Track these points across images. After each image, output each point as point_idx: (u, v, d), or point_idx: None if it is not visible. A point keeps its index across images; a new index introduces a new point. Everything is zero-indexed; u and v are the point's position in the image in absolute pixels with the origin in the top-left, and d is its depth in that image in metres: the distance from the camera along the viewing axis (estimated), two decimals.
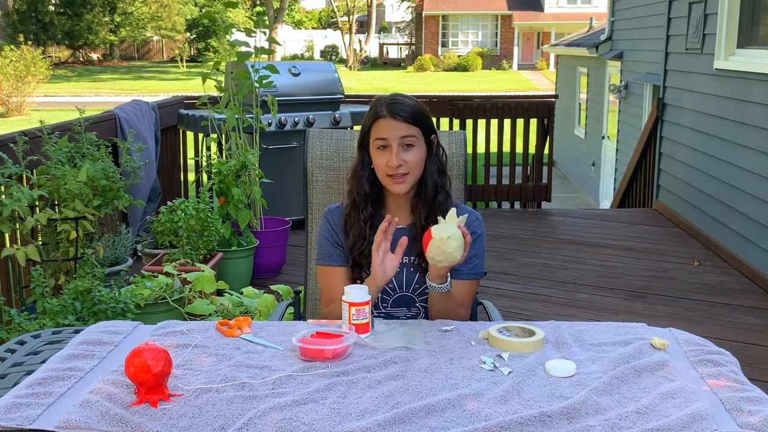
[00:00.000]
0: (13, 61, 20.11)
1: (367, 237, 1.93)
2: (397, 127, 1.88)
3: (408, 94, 1.97)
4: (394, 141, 1.88)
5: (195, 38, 40.67)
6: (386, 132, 1.88)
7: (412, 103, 1.92)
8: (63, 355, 1.60)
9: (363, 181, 1.96)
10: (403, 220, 1.99)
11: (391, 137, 1.88)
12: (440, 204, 1.95)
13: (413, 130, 1.89)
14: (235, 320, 1.79)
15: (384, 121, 1.89)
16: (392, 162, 1.87)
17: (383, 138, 1.88)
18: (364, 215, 1.94)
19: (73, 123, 3.97)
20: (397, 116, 1.87)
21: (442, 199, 1.96)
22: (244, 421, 1.32)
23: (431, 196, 1.95)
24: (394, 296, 1.98)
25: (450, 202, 1.97)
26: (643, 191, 7.06)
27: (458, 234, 1.72)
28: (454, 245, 1.71)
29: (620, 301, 4.26)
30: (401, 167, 1.88)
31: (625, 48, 9.22)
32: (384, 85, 28.42)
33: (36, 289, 3.00)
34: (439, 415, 1.36)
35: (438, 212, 1.92)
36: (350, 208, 1.97)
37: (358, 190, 1.96)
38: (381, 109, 1.90)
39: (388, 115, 1.88)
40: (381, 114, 1.89)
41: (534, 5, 36.61)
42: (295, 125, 5.27)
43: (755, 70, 4.72)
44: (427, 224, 1.92)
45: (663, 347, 1.65)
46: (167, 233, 3.81)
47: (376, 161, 1.91)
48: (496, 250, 5.25)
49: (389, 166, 1.88)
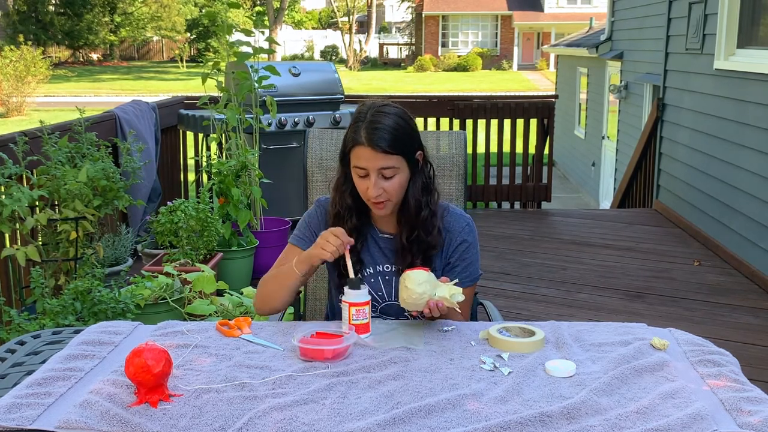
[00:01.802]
0: (13, 61, 20.12)
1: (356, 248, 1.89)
2: (375, 158, 1.78)
3: (391, 108, 1.84)
4: (372, 171, 1.79)
5: (195, 38, 40.67)
6: (364, 162, 1.79)
7: (393, 125, 1.79)
8: (63, 356, 1.60)
9: (345, 195, 1.90)
10: (390, 229, 1.95)
11: (370, 168, 1.79)
12: (424, 221, 1.88)
13: (393, 161, 1.79)
14: (235, 320, 1.80)
15: (363, 150, 1.78)
16: (371, 192, 1.80)
17: (362, 168, 1.80)
18: (349, 226, 1.89)
19: (73, 123, 3.97)
20: (376, 147, 1.77)
21: (426, 215, 1.88)
22: (244, 421, 1.32)
23: (414, 215, 1.88)
24: (382, 304, 1.96)
25: (435, 219, 1.90)
26: (643, 191, 7.06)
27: (424, 296, 1.70)
28: (410, 300, 1.70)
29: (620, 301, 4.26)
30: (381, 195, 1.81)
31: (625, 48, 9.22)
32: (384, 85, 28.41)
33: (36, 289, 3.00)
34: (439, 415, 1.36)
35: (420, 231, 1.88)
36: (333, 219, 1.92)
37: (341, 203, 1.91)
38: (360, 135, 1.79)
39: (367, 144, 1.77)
40: (359, 141, 1.79)
41: (534, 5, 36.61)
42: (295, 125, 5.27)
43: (755, 70, 4.72)
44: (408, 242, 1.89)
45: (663, 347, 1.65)
46: (167, 233, 3.81)
47: (357, 184, 1.85)
48: (496, 250, 5.25)
49: (368, 195, 1.82)
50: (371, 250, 1.95)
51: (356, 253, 1.91)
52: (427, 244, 1.89)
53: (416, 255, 1.88)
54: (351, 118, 1.88)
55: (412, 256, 1.88)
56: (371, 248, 1.95)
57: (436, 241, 1.90)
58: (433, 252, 1.90)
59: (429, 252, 1.90)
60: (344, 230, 1.81)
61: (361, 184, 1.84)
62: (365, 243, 1.94)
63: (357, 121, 1.82)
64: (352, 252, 1.85)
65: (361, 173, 1.82)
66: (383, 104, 1.85)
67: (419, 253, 1.89)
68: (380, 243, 1.95)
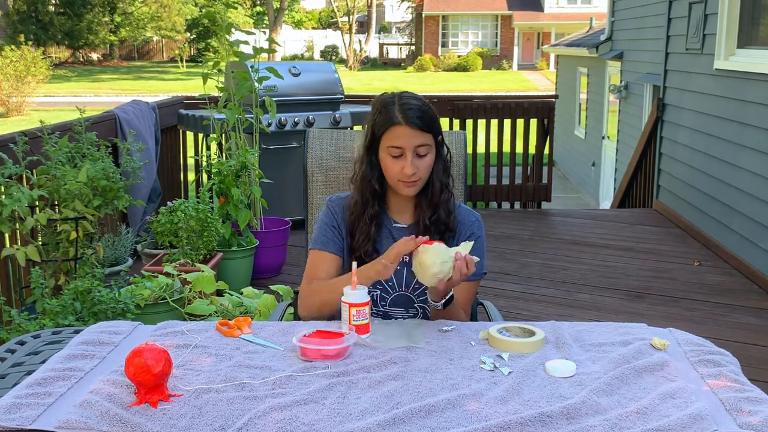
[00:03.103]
0: (13, 61, 20.13)
1: (371, 235, 1.94)
2: (413, 135, 1.85)
3: (413, 93, 1.94)
4: (409, 150, 1.86)
5: (195, 38, 40.67)
6: (402, 141, 1.85)
7: (422, 105, 1.89)
8: (63, 356, 1.60)
9: (373, 182, 1.94)
10: (406, 219, 2.00)
11: (406, 146, 1.85)
12: (444, 203, 1.95)
13: (427, 138, 1.87)
14: (235, 320, 1.79)
15: (400, 129, 1.85)
16: (407, 170, 1.85)
17: (399, 147, 1.86)
18: (370, 213, 1.94)
19: (73, 123, 3.97)
20: (413, 124, 1.85)
21: (447, 198, 1.96)
22: (244, 422, 1.32)
23: (437, 196, 1.95)
24: (393, 294, 1.97)
25: (453, 201, 1.98)
26: (643, 191, 7.06)
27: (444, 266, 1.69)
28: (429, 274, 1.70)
29: (620, 302, 4.26)
30: (415, 174, 1.87)
31: (625, 48, 9.22)
32: (384, 85, 28.40)
33: (36, 289, 3.00)
34: (439, 415, 1.36)
35: (441, 211, 1.94)
36: (360, 206, 1.96)
37: (369, 190, 1.95)
38: (395, 115, 1.86)
39: (404, 123, 1.85)
40: (396, 121, 1.86)
41: (534, 5, 36.61)
42: (295, 125, 5.27)
43: (755, 70, 4.72)
44: (431, 223, 1.94)
45: (663, 347, 1.65)
46: (167, 233, 3.81)
47: (389, 167, 1.89)
48: (496, 250, 5.25)
49: (404, 174, 1.87)
50: (385, 240, 1.97)
51: (372, 242, 1.94)
52: (445, 226, 1.95)
53: (433, 237, 1.90)
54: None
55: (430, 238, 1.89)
56: (385, 239, 1.97)
57: (453, 223, 1.97)
58: (450, 234, 1.96)
59: (446, 234, 1.95)
60: (405, 238, 1.76)
61: (394, 165, 1.88)
62: (380, 233, 1.97)
63: (386, 106, 1.89)
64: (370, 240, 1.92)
65: (396, 153, 1.87)
66: (404, 92, 1.95)
67: (437, 235, 1.94)
68: (394, 233, 1.98)
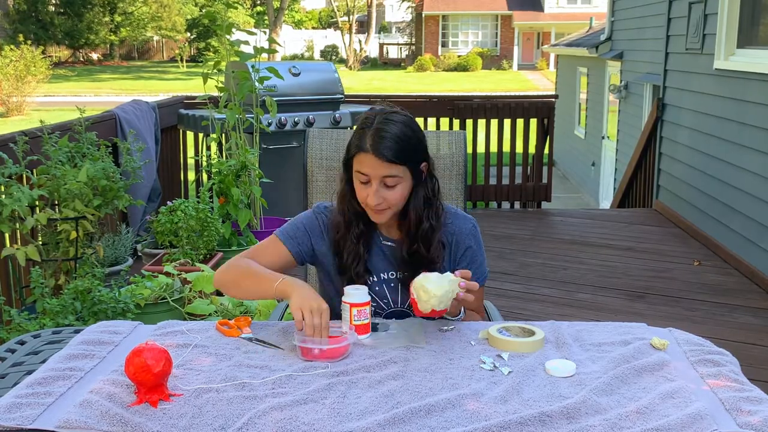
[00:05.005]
0: (13, 61, 20.14)
1: (361, 255, 1.88)
2: (379, 166, 1.75)
3: (399, 117, 1.80)
4: (375, 179, 1.77)
5: (195, 38, 40.67)
6: (367, 169, 1.77)
7: (399, 134, 1.76)
8: (63, 355, 1.60)
9: (353, 202, 1.86)
10: (394, 234, 1.94)
11: (372, 175, 1.77)
12: (424, 235, 1.86)
13: (397, 170, 1.77)
14: (235, 320, 1.79)
15: (366, 157, 1.76)
16: (371, 200, 1.78)
17: (364, 174, 1.78)
18: (356, 233, 1.87)
19: (73, 123, 3.97)
20: (380, 155, 1.74)
21: (426, 229, 1.86)
22: (244, 421, 1.32)
23: (414, 227, 1.86)
24: (387, 311, 1.94)
25: (436, 235, 1.87)
26: (643, 191, 7.06)
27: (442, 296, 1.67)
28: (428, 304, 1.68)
29: (620, 301, 4.26)
30: (381, 204, 1.79)
31: (625, 48, 9.22)
32: (384, 85, 28.41)
33: (36, 289, 3.00)
34: (439, 415, 1.36)
35: (421, 243, 1.86)
36: (343, 226, 1.89)
37: (350, 210, 1.88)
38: (365, 141, 1.76)
39: (371, 152, 1.75)
40: (364, 148, 1.76)
41: (534, 5, 36.61)
42: (295, 125, 5.27)
43: (755, 70, 4.72)
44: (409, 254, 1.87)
45: (663, 347, 1.65)
46: (167, 233, 3.81)
47: (358, 191, 1.82)
48: (496, 250, 5.24)
49: (368, 202, 1.80)
50: (376, 258, 1.93)
51: (363, 262, 1.89)
52: (428, 260, 1.87)
53: (418, 267, 1.84)
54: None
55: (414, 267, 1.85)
56: (376, 256, 1.93)
57: (436, 255, 1.88)
58: (434, 266, 1.86)
59: (430, 267, 1.85)
60: (328, 321, 1.67)
61: (361, 190, 1.81)
62: (370, 251, 1.92)
63: (363, 128, 1.79)
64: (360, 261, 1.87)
65: (362, 179, 1.79)
66: (392, 111, 1.82)
67: (421, 266, 1.85)
68: (384, 250, 1.93)
